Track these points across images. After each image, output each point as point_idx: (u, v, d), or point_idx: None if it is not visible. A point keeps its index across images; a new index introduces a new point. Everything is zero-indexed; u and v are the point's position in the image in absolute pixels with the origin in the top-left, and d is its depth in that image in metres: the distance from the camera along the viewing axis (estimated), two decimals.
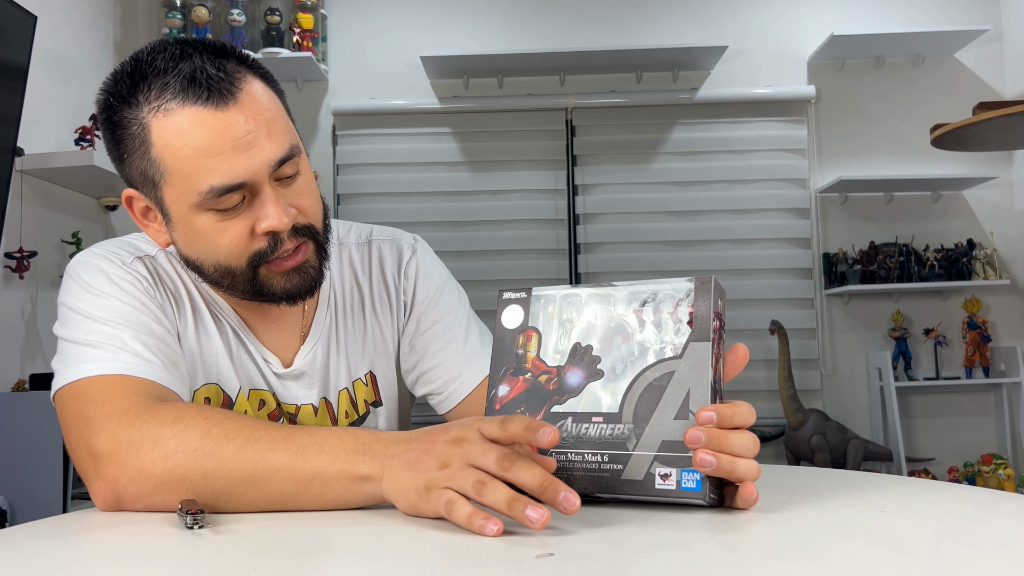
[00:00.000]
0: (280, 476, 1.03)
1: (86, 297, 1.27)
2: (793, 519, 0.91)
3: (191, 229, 1.25)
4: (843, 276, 4.71)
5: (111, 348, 1.21)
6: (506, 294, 1.12)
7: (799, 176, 4.91)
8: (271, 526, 0.95)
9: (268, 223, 1.22)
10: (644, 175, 4.94)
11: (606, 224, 4.94)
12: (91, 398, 1.15)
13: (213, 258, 1.27)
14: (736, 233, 4.89)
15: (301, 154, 1.28)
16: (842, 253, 4.76)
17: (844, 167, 4.88)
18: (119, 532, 0.95)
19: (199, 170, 1.19)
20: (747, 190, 4.92)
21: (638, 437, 0.97)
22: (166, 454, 1.06)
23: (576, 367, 1.04)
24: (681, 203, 4.92)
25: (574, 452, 1.00)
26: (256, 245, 1.25)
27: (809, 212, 4.89)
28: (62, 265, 3.93)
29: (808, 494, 1.06)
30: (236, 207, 1.22)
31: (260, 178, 1.21)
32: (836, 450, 4.42)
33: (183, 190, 1.21)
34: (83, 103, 4.15)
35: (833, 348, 4.89)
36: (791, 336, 4.71)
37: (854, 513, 0.93)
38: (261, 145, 1.20)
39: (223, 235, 1.24)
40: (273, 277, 1.28)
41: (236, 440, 1.05)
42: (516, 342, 1.08)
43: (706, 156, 4.94)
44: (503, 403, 1.06)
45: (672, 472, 0.95)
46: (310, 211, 1.30)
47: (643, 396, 0.99)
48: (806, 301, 4.89)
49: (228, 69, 1.21)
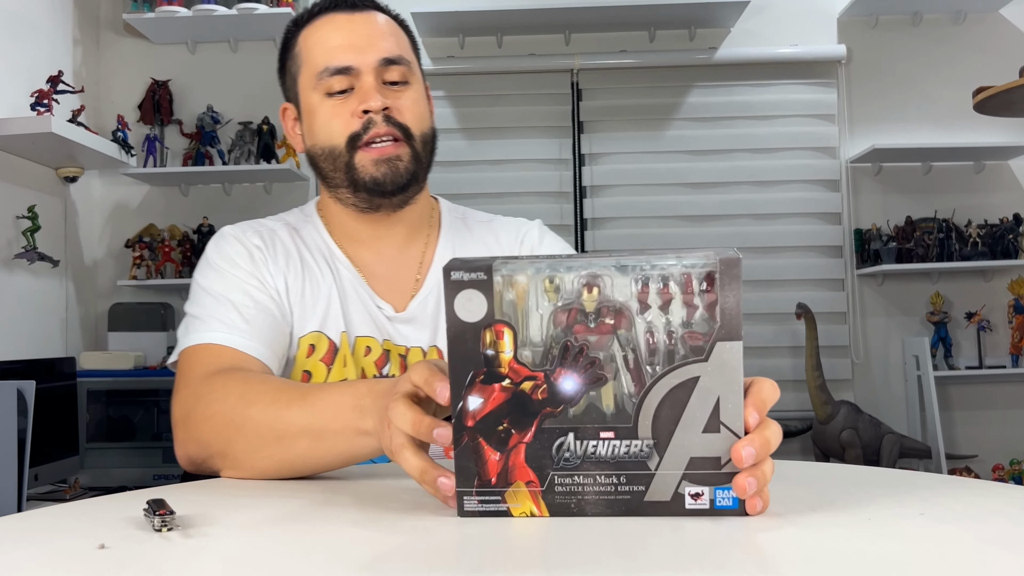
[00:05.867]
0: (294, 432, 1.23)
1: (205, 271, 1.65)
2: (822, 523, 0.91)
3: (311, 115, 1.67)
4: (877, 254, 4.70)
5: (212, 320, 1.55)
6: (455, 274, 0.95)
7: (828, 144, 4.90)
8: (246, 530, 0.95)
9: (363, 103, 1.59)
10: (658, 143, 4.92)
11: (616, 197, 4.94)
12: (182, 368, 1.52)
13: (322, 141, 1.65)
14: (759, 207, 4.89)
15: (413, 73, 1.68)
16: (875, 229, 4.76)
17: (878, 134, 4.86)
18: (77, 533, 0.94)
19: (322, 56, 1.63)
20: (771, 160, 4.90)
21: (661, 455, 0.93)
22: (206, 417, 1.35)
23: (570, 370, 0.95)
24: (698, 174, 4.90)
25: (583, 475, 0.95)
26: (353, 126, 1.61)
27: (839, 184, 4.88)
28: (15, 243, 3.93)
29: (838, 495, 1.06)
30: (344, 92, 1.62)
31: (366, 68, 1.61)
32: (869, 446, 4.43)
33: (308, 76, 1.65)
34: (39, 64, 4.13)
35: (865, 334, 4.89)
36: (819, 320, 4.70)
37: (889, 516, 0.93)
38: (375, 44, 1.63)
39: (331, 116, 1.62)
40: (365, 163, 1.62)
41: (261, 402, 1.30)
42: (482, 340, 0.95)
43: (726, 123, 4.93)
44: (479, 418, 0.96)
45: (704, 491, 0.93)
46: (408, 114, 1.64)
47: (662, 407, 0.93)
48: (836, 282, 4.89)
49: (364, 2, 1.69)
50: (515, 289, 0.95)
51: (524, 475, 0.95)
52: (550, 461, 0.95)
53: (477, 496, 0.96)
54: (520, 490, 0.96)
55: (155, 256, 4.58)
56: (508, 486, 0.96)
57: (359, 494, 1.15)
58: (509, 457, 0.95)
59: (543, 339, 0.95)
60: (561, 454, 0.95)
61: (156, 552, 0.85)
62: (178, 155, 4.75)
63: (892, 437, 4.45)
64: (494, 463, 0.96)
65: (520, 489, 0.96)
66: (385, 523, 0.96)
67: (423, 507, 1.02)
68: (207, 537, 0.91)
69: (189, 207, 4.83)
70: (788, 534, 0.86)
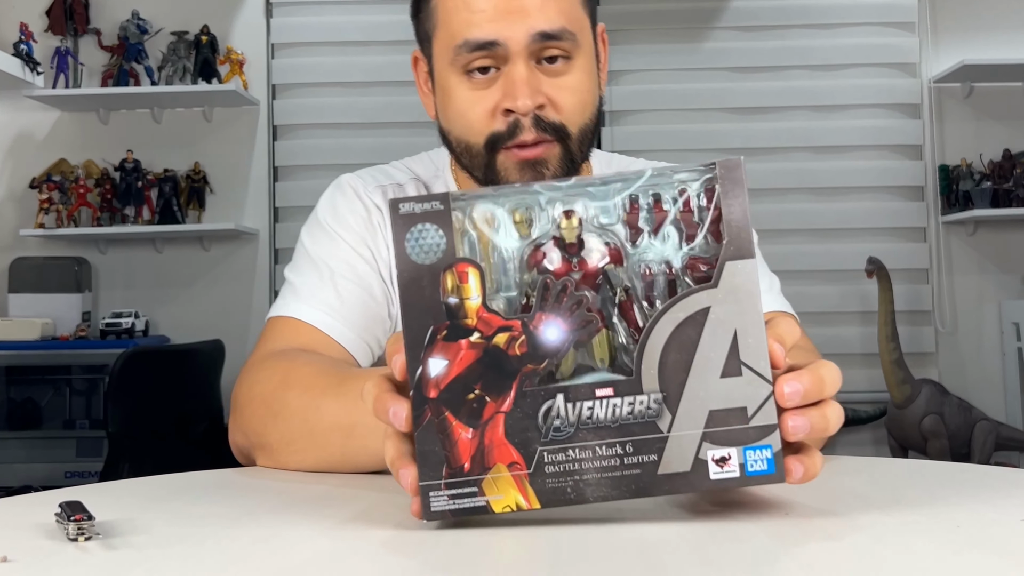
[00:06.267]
0: (325, 425, 1.30)
1: (312, 228, 1.71)
2: (899, 529, 0.91)
3: (445, 93, 1.61)
4: (967, 197, 4.70)
5: (303, 291, 1.62)
6: (405, 207, 0.94)
7: (907, 60, 4.89)
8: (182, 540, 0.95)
9: (508, 101, 1.52)
10: (693, 58, 4.91)
11: (642, 125, 4.93)
12: (258, 343, 1.60)
13: (457, 130, 1.61)
14: (819, 138, 4.88)
15: (577, 47, 1.57)
16: (966, 166, 4.75)
17: (968, 47, 4.84)
18: None
19: (461, 23, 1.53)
20: (834, 78, 4.89)
21: (674, 412, 0.91)
22: (248, 400, 1.45)
23: (552, 314, 0.93)
24: (743, 97, 4.90)
25: (578, 448, 0.92)
26: (495, 125, 1.55)
27: (920, 109, 4.88)
28: None
29: (919, 496, 1.06)
30: (486, 73, 1.55)
31: (516, 46, 1.51)
32: (957, 435, 4.43)
33: (445, 44, 1.57)
34: None
35: (953, 296, 4.89)
36: (895, 280, 4.69)
37: (983, 523, 0.93)
38: (528, 12, 1.51)
39: (468, 106, 1.57)
40: (508, 166, 1.57)
41: (299, 386, 1.37)
42: (441, 286, 0.93)
43: (778, 32, 4.92)
44: (443, 385, 0.93)
45: (731, 453, 0.91)
46: (566, 109, 1.56)
47: (669, 350, 0.92)
48: (916, 231, 4.89)
49: None
50: (478, 225, 0.95)
51: (505, 455, 0.92)
52: (536, 434, 0.92)
53: (447, 490, 0.93)
54: (501, 475, 0.92)
55: (67, 199, 4.58)
56: (486, 472, 0.93)
57: (327, 495, 1.16)
58: (485, 433, 0.93)
59: (517, 283, 0.95)
60: (549, 423, 0.92)
61: (71, 566, 0.85)
62: (96, 73, 4.74)
63: (986, 425, 4.46)
64: (466, 443, 0.92)
65: (501, 474, 0.92)
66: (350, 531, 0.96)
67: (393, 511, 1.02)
68: (133, 548, 0.91)
69: (110, 138, 4.83)
70: (853, 541, 0.86)
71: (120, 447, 3.88)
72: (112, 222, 4.77)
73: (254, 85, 4.98)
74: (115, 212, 4.78)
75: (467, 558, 0.85)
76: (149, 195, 4.81)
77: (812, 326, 1.61)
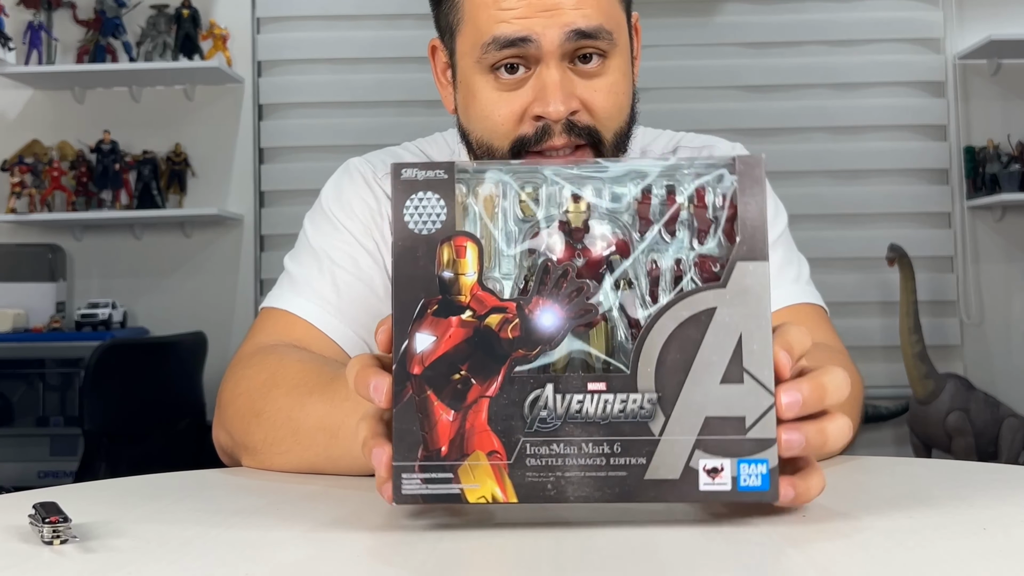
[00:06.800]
0: (310, 426, 1.30)
1: (315, 218, 1.70)
2: (921, 532, 0.91)
3: (468, 91, 1.58)
4: (994, 180, 4.70)
5: (300, 283, 1.62)
6: (407, 172, 0.95)
7: (930, 35, 4.89)
8: (163, 543, 0.95)
9: (539, 106, 1.50)
10: (703, 33, 4.91)
11: (648, 104, 4.89)
12: (248, 334, 1.60)
13: (479, 131, 1.58)
14: (837, 118, 4.88)
15: (613, 45, 1.53)
16: (992, 147, 4.75)
17: (995, 22, 4.84)
18: None
19: (490, 19, 1.50)
20: (854, 54, 4.89)
21: (668, 414, 0.91)
22: (233, 398, 1.45)
23: (550, 300, 0.93)
24: (757, 74, 4.90)
25: (563, 442, 0.92)
26: (523, 129, 1.53)
27: (944, 87, 4.87)
28: None
29: (944, 497, 1.07)
30: (514, 72, 1.52)
31: (549, 44, 1.48)
32: (984, 433, 4.44)
33: (471, 41, 1.54)
34: None
35: (979, 286, 4.89)
36: (918, 268, 4.69)
37: (1011, 525, 0.93)
38: (563, 8, 1.47)
39: (493, 108, 1.54)
40: None
41: (285, 384, 1.37)
42: (437, 258, 0.94)
43: (793, 5, 4.91)
44: (428, 362, 0.93)
45: (724, 464, 0.91)
46: (600, 112, 1.54)
47: (668, 349, 0.91)
48: (940, 217, 4.89)
49: None
50: (482, 199, 0.95)
51: (486, 442, 0.92)
52: (521, 423, 0.92)
53: (420, 473, 0.92)
54: (479, 464, 0.92)
55: (40, 183, 4.58)
56: (463, 458, 0.92)
57: (312, 496, 1.16)
58: (467, 417, 0.92)
59: (516, 264, 0.95)
60: (536, 413, 0.92)
61: (47, 570, 0.86)
62: (71, 49, 4.74)
63: (1014, 422, 4.46)
64: (446, 425, 0.92)
65: (479, 463, 0.92)
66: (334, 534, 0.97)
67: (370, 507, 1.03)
68: (112, 551, 0.91)
69: (85, 117, 4.83)
70: (875, 545, 0.86)
71: (96, 445, 3.88)
72: (88, 207, 4.76)
73: (238, 62, 4.97)
74: (91, 196, 4.77)
75: (451, 564, 0.85)
76: (127, 178, 4.80)
77: (832, 318, 1.61)
